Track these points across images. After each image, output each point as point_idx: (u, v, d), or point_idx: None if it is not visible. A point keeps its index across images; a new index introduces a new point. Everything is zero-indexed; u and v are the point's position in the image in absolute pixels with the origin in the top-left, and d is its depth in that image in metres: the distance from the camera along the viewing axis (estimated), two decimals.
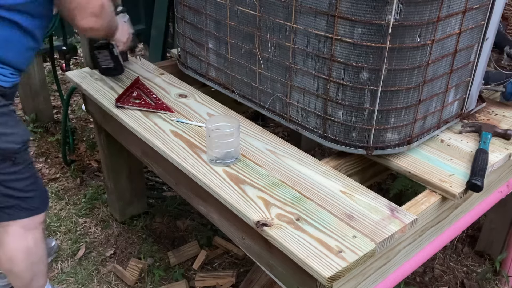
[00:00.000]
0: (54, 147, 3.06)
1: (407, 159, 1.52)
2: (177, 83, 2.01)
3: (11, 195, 1.58)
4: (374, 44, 1.33)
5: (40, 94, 3.18)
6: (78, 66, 4.02)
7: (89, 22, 1.50)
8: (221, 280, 2.09)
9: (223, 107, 1.82)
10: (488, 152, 1.51)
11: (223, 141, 1.43)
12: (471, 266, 2.30)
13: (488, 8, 1.51)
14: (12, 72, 1.50)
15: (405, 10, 1.28)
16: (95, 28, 1.53)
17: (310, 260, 1.11)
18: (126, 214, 2.47)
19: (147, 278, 2.15)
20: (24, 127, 1.60)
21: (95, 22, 1.51)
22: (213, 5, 1.78)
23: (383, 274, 1.39)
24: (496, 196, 1.71)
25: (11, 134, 1.51)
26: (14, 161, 1.54)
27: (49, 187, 2.70)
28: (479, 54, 1.60)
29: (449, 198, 1.40)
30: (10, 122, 1.51)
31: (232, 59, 1.82)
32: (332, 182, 1.40)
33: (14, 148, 1.52)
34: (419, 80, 1.42)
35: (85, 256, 2.27)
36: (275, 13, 1.54)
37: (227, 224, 1.45)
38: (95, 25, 1.52)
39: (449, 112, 1.66)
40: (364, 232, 1.20)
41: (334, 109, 1.50)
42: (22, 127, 1.58)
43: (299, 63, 1.54)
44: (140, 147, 1.82)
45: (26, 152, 1.60)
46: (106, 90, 1.91)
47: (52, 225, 2.43)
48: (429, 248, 1.52)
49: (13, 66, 1.49)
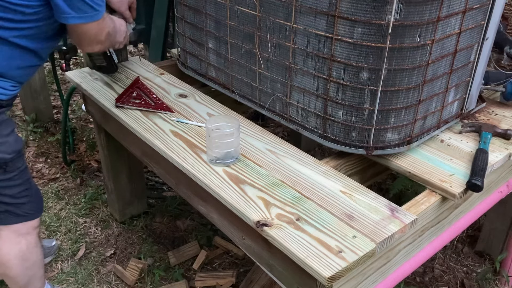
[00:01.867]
0: (54, 147, 3.06)
1: (407, 159, 1.52)
2: (177, 83, 2.01)
3: (3, 201, 1.57)
4: (374, 44, 1.33)
5: (40, 94, 3.18)
6: (78, 66, 4.02)
7: (94, 48, 1.60)
8: (221, 280, 2.09)
9: (223, 107, 1.82)
10: (488, 152, 1.51)
11: (223, 141, 1.43)
12: (471, 266, 2.30)
13: (488, 8, 1.51)
14: (14, 84, 1.50)
15: (405, 10, 1.28)
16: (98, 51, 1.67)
17: (310, 260, 1.11)
18: (126, 214, 2.47)
19: (147, 278, 2.14)
20: (17, 137, 1.58)
21: (99, 47, 1.61)
22: (213, 5, 1.78)
23: (383, 274, 1.39)
24: (496, 196, 1.71)
25: (1, 144, 1.49)
26: (6, 169, 1.53)
27: (49, 187, 2.70)
28: (479, 54, 1.60)
29: (449, 198, 1.40)
30: (2, 132, 1.50)
31: (232, 59, 1.82)
32: (332, 182, 1.40)
33: (5, 158, 1.50)
34: (419, 80, 1.42)
35: (85, 256, 2.27)
36: (275, 13, 1.54)
37: (227, 224, 1.45)
38: (98, 49, 1.62)
39: (449, 112, 1.66)
40: (364, 232, 1.20)
41: (334, 109, 1.50)
42: (15, 136, 1.56)
43: (299, 63, 1.54)
44: (140, 147, 1.81)
45: (19, 160, 1.58)
46: (106, 90, 1.91)
47: (52, 225, 2.43)
48: (429, 248, 1.52)
49: (14, 79, 1.49)
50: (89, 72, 2.07)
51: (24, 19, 1.39)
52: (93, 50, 1.63)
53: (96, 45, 1.57)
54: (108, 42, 1.62)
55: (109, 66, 1.98)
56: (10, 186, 1.57)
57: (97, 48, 1.60)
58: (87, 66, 2.11)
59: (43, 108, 3.23)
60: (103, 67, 1.99)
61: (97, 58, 1.95)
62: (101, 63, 1.97)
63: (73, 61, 4.04)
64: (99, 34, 1.53)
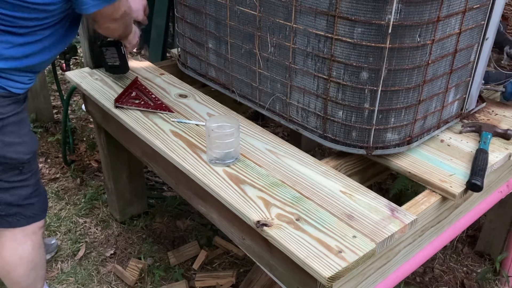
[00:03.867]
0: (54, 147, 3.06)
1: (407, 159, 1.52)
2: (177, 83, 2.01)
3: (15, 203, 1.58)
4: (374, 44, 1.33)
5: (40, 94, 3.18)
6: (78, 66, 4.02)
7: (110, 25, 1.58)
8: (221, 280, 2.09)
9: (223, 107, 1.82)
10: (488, 152, 1.51)
11: (223, 141, 1.43)
12: (471, 266, 2.30)
13: (488, 8, 1.51)
14: (30, 77, 1.50)
15: (405, 10, 1.28)
16: (114, 29, 1.62)
17: (310, 260, 1.11)
18: (126, 214, 2.47)
19: (147, 278, 2.14)
20: (33, 136, 1.59)
21: (115, 25, 1.59)
22: (213, 5, 1.78)
23: (383, 274, 1.39)
24: (496, 196, 1.71)
25: (20, 143, 1.50)
26: (22, 170, 1.54)
27: (49, 187, 2.70)
28: (479, 54, 1.60)
29: (449, 198, 1.39)
30: (21, 130, 1.51)
31: (232, 59, 1.82)
32: (332, 182, 1.40)
33: (23, 159, 1.52)
34: (419, 80, 1.42)
35: (85, 256, 2.27)
36: (275, 13, 1.54)
37: (227, 224, 1.45)
38: (115, 27, 1.60)
39: (449, 112, 1.66)
40: (364, 232, 1.20)
41: (334, 109, 1.50)
42: (31, 135, 1.57)
43: (299, 63, 1.54)
44: (140, 147, 1.82)
45: (34, 162, 1.60)
46: (106, 90, 1.91)
47: (52, 225, 2.43)
48: (429, 248, 1.52)
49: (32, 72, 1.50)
50: (89, 72, 2.07)
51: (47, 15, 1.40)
52: (111, 26, 1.58)
53: (112, 22, 1.56)
54: (122, 22, 1.61)
55: (122, 66, 1.97)
56: (24, 187, 1.57)
57: (115, 25, 1.58)
58: (87, 66, 2.11)
59: (43, 108, 3.23)
60: (115, 66, 1.98)
61: (111, 57, 1.95)
62: (114, 62, 1.96)
63: (73, 61, 4.03)
64: (115, 12, 1.52)
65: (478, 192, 1.40)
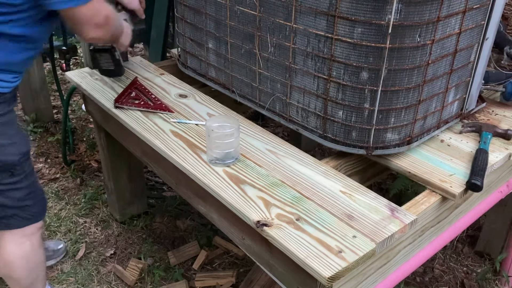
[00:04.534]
0: (54, 147, 3.06)
1: (407, 159, 1.52)
2: (177, 83, 2.01)
3: (9, 205, 1.57)
4: (374, 44, 1.33)
5: (40, 94, 3.18)
6: (78, 66, 4.02)
7: (95, 34, 1.47)
8: (221, 280, 2.09)
9: (223, 107, 1.82)
10: (488, 152, 1.51)
11: (223, 141, 1.43)
12: (471, 266, 2.30)
13: (488, 8, 1.51)
14: (15, 75, 1.48)
15: (405, 10, 1.28)
16: (101, 38, 1.51)
17: (310, 260, 1.11)
18: (126, 214, 2.47)
19: (147, 278, 2.14)
20: (24, 137, 1.56)
21: (100, 33, 1.48)
22: (213, 5, 1.78)
23: (383, 274, 1.39)
24: (496, 196, 1.71)
25: (9, 145, 1.48)
26: (13, 172, 1.52)
27: (49, 187, 2.70)
28: (479, 54, 1.60)
29: (449, 198, 1.40)
30: (9, 131, 1.49)
31: (232, 59, 1.82)
32: (332, 182, 1.40)
33: (13, 161, 1.50)
34: (419, 80, 1.42)
35: (85, 256, 2.27)
36: (275, 13, 1.54)
37: (227, 224, 1.45)
38: (101, 35, 1.49)
39: (449, 112, 1.66)
40: (364, 232, 1.20)
41: (334, 109, 1.50)
42: (21, 136, 1.55)
43: (299, 63, 1.54)
44: (140, 147, 1.82)
45: (26, 163, 1.57)
46: (106, 90, 1.91)
47: (52, 225, 2.43)
48: (429, 248, 1.52)
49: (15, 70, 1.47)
50: (89, 72, 2.07)
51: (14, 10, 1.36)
52: (94, 35, 1.47)
53: (95, 29, 1.45)
54: (112, 28, 1.52)
55: (117, 69, 1.95)
56: (17, 189, 1.56)
57: (100, 33, 1.47)
58: (87, 66, 2.11)
59: (43, 108, 3.23)
60: (110, 70, 1.96)
61: (105, 62, 1.94)
62: (108, 66, 1.94)
63: (73, 61, 4.04)
64: (95, 17, 1.42)
65: (478, 192, 1.40)
